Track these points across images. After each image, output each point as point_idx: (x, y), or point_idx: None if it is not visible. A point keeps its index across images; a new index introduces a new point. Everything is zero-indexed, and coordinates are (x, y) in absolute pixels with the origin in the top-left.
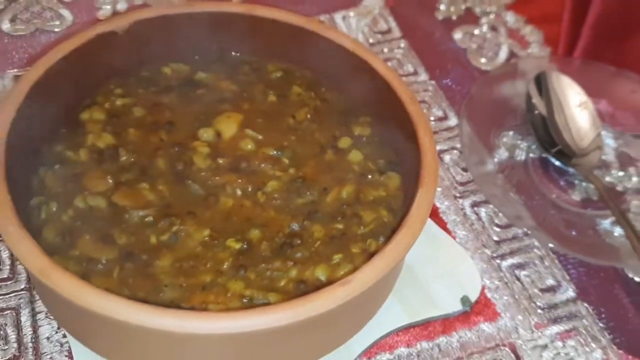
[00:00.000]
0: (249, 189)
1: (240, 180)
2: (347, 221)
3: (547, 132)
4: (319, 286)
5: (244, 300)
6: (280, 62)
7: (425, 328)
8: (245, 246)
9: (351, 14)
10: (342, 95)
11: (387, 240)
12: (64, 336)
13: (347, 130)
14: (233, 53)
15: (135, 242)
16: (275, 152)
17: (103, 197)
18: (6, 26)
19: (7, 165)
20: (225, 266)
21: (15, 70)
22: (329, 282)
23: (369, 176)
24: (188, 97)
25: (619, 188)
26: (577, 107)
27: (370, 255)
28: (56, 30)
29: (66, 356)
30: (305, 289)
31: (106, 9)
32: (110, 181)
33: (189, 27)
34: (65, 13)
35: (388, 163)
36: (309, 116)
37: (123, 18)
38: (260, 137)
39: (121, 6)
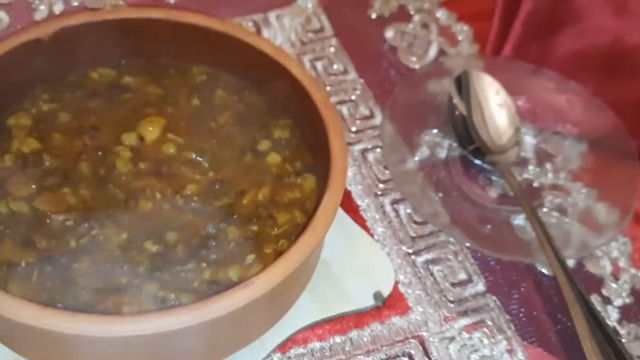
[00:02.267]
0: (168, 192)
1: (160, 184)
2: (261, 222)
3: (466, 131)
4: (230, 286)
5: (157, 301)
6: (205, 66)
7: (339, 322)
8: (161, 248)
9: (285, 13)
10: (263, 98)
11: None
12: None
13: (267, 133)
14: (159, 57)
15: (55, 246)
16: (195, 155)
17: (25, 202)
18: None
19: None
20: (141, 268)
21: None
22: (241, 282)
23: (286, 178)
24: (114, 101)
25: (536, 184)
26: (496, 106)
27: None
28: None
29: None
30: (217, 289)
31: (42, 11)
32: (34, 186)
33: (115, 33)
34: (2, 15)
35: (305, 165)
36: (230, 120)
37: (48, 25)
38: (181, 140)
39: (58, 8)
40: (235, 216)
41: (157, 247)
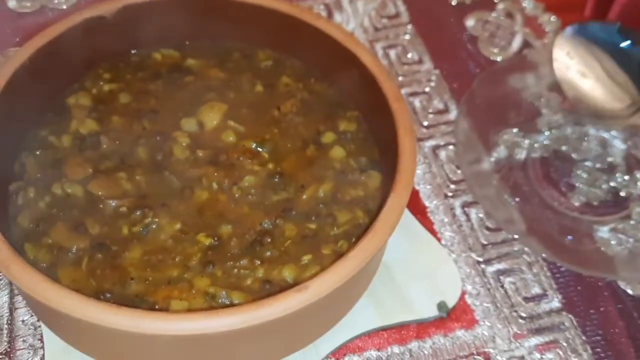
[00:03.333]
0: (225, 183)
1: (217, 174)
2: (320, 221)
3: None
4: (284, 287)
5: (207, 298)
6: (271, 50)
7: (398, 332)
8: (215, 242)
9: None
10: (331, 87)
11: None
12: (39, 320)
13: (333, 124)
14: (224, 40)
15: (107, 233)
16: (255, 145)
17: (80, 185)
18: (12, 3)
19: None
20: (193, 262)
21: (17, 48)
22: (296, 284)
23: (349, 174)
24: (175, 84)
25: (623, 193)
26: None
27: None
28: (63, 7)
29: (39, 340)
30: (270, 289)
31: None
32: (90, 169)
33: (180, 12)
34: None
35: (370, 161)
36: (294, 108)
37: (112, 2)
38: (242, 129)
39: None
40: (293, 212)
41: (210, 240)
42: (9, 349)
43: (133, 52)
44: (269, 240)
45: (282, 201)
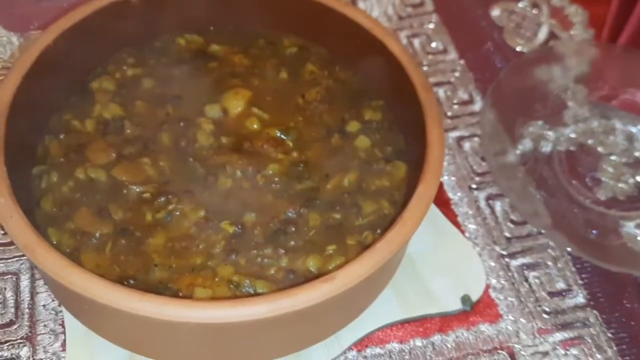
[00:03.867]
0: (249, 171)
1: (241, 161)
2: (345, 211)
3: None
4: (308, 277)
5: (231, 286)
6: (296, 37)
7: (421, 324)
8: (239, 230)
9: None
10: (356, 75)
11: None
12: (60, 305)
13: (357, 113)
14: (249, 26)
15: (130, 219)
16: (280, 133)
17: (104, 170)
18: None
19: (10, 134)
20: (217, 249)
21: (39, 31)
22: (320, 274)
23: (374, 164)
24: (199, 70)
25: None
26: None
27: (365, 249)
28: None
29: (60, 325)
30: (294, 279)
31: None
32: (113, 154)
33: None
34: None
35: (396, 151)
36: (319, 96)
37: None
38: (266, 116)
39: None
40: (317, 201)
41: (234, 228)
42: (29, 334)
43: (157, 36)
44: (293, 229)
45: (306, 190)
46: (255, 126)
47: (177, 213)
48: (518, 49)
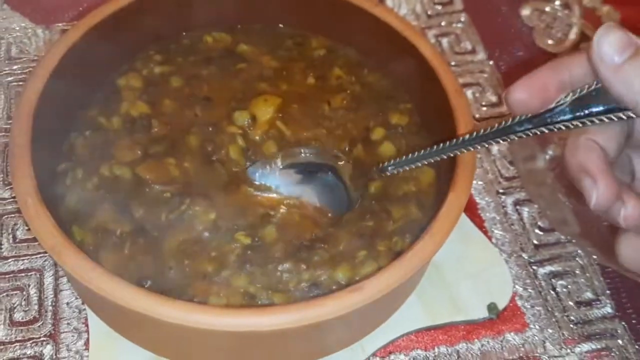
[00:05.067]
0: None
1: None
2: (375, 217)
3: None
4: (334, 290)
5: (246, 297)
6: (324, 38)
7: (446, 332)
8: (256, 242)
9: None
10: (384, 78)
11: (414, 241)
12: (83, 303)
13: (383, 118)
14: (277, 25)
15: (149, 218)
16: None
17: (129, 167)
18: None
19: (36, 132)
20: (231, 259)
21: (63, 23)
22: (349, 284)
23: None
24: (227, 70)
25: None
26: None
27: (395, 255)
28: None
29: (83, 323)
30: (319, 293)
31: None
32: (139, 152)
33: None
34: None
35: None
36: (344, 103)
37: None
38: (288, 132)
39: None
40: (343, 220)
41: (250, 240)
42: (53, 332)
43: (184, 34)
44: (323, 245)
45: None
46: (273, 150)
47: (189, 213)
48: (548, 49)
